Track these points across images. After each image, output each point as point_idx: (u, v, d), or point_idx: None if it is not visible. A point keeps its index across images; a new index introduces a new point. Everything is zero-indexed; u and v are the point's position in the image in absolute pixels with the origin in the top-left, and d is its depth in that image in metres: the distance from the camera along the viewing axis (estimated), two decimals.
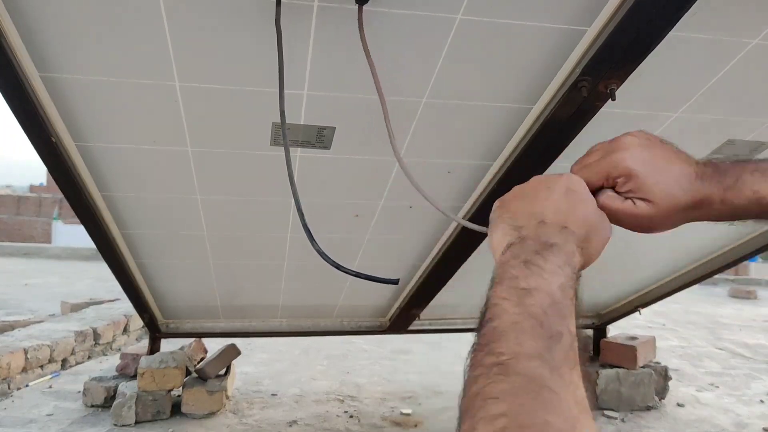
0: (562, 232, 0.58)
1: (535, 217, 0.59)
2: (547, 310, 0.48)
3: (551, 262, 0.53)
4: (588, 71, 1.31)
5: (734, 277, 11.26)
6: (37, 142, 1.52)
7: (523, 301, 0.49)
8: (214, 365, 3.39)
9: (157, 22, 1.19)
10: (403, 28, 1.23)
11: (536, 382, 0.41)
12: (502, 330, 0.47)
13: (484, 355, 0.45)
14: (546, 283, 0.51)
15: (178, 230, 2.19)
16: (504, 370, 0.42)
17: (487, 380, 0.42)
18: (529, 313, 0.47)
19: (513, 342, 0.45)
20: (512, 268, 0.53)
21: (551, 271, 0.52)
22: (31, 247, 12.37)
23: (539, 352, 0.44)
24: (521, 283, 0.51)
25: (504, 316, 0.48)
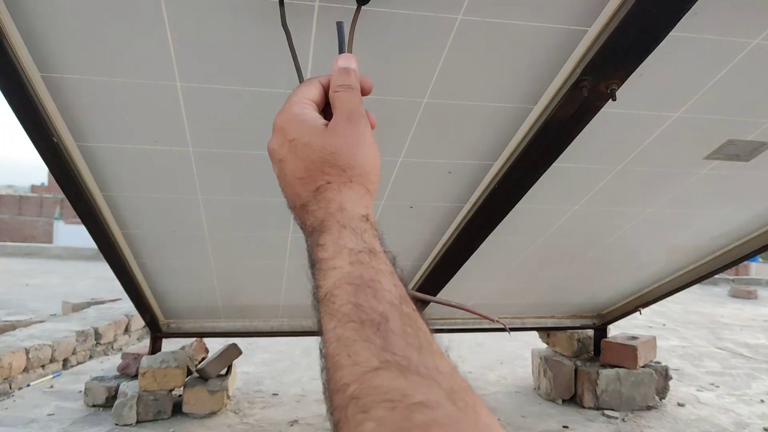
0: (318, 197, 0.52)
1: (296, 206, 0.55)
2: (357, 299, 0.43)
3: (328, 246, 0.48)
4: (589, 71, 1.32)
5: (734, 277, 11.26)
6: (38, 142, 1.52)
7: (332, 308, 0.44)
8: (215, 365, 3.39)
9: (158, 23, 1.19)
10: (403, 28, 1.23)
11: (401, 403, 0.35)
12: (332, 354, 0.41)
13: (332, 394, 0.39)
14: (338, 272, 0.46)
15: (180, 230, 2.20)
16: (360, 406, 0.36)
17: (350, 425, 0.35)
18: (343, 319, 0.42)
19: (348, 363, 0.39)
20: (313, 276, 0.49)
21: (334, 255, 0.47)
22: (32, 247, 12.38)
23: (379, 358, 0.38)
24: (322, 292, 0.46)
25: (327, 337, 0.43)
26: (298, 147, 0.55)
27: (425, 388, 0.36)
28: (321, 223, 0.50)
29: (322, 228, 0.50)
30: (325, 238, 0.49)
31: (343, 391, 0.38)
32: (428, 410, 0.34)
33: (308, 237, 0.52)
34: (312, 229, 0.51)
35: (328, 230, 0.49)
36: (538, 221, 2.33)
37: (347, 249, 0.47)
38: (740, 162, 1.96)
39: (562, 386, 3.70)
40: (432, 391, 0.36)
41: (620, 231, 2.52)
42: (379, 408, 0.35)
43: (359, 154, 0.55)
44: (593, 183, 2.04)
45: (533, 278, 3.05)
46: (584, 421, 3.40)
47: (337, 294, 0.44)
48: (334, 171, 0.53)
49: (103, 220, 1.99)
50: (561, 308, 3.64)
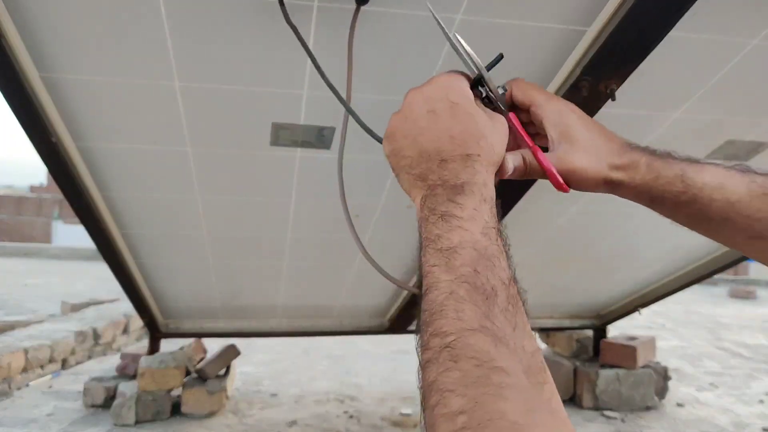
0: (467, 163, 0.55)
1: (431, 158, 0.56)
2: (477, 266, 0.48)
3: (467, 207, 0.52)
4: (588, 71, 1.31)
5: (734, 277, 11.26)
6: (37, 142, 1.52)
7: (451, 263, 0.48)
8: (214, 365, 3.39)
9: (157, 22, 1.19)
10: (403, 28, 1.23)
11: (485, 363, 0.41)
12: (440, 303, 0.46)
13: (429, 336, 0.45)
14: (468, 235, 0.50)
15: (178, 230, 2.19)
16: (452, 355, 0.42)
17: (439, 368, 0.42)
18: (460, 278, 0.47)
19: (453, 316, 0.45)
20: (433, 227, 0.52)
21: (470, 218, 0.51)
22: (31, 247, 12.37)
23: (480, 322, 0.44)
24: (445, 243, 0.50)
25: (439, 286, 0.48)
26: (460, 111, 0.58)
27: (508, 358, 0.42)
28: (463, 185, 0.54)
29: (464, 190, 0.53)
30: (464, 199, 0.53)
31: (441, 337, 0.44)
32: (505, 376, 0.41)
33: (436, 188, 0.54)
34: (449, 185, 0.54)
35: (470, 194, 0.53)
36: (538, 221, 2.33)
37: (483, 220, 0.52)
38: (740, 162, 1.96)
39: (561, 386, 3.70)
40: (513, 363, 0.42)
41: (620, 231, 2.52)
42: (467, 362, 0.41)
43: (504, 143, 0.60)
44: None
45: (533, 278, 3.05)
46: (583, 421, 3.40)
47: (461, 254, 0.49)
48: (486, 150, 0.57)
49: (102, 220, 1.99)
50: (560, 308, 3.64)
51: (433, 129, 0.58)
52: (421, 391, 0.44)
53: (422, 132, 0.58)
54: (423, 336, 0.46)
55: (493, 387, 0.40)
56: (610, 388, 3.58)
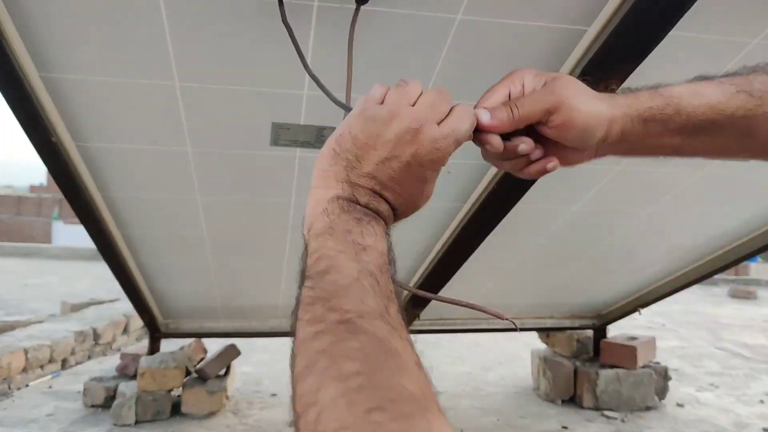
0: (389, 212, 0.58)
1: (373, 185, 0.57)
2: (381, 269, 0.50)
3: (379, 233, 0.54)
4: (588, 71, 1.31)
5: (734, 277, 11.26)
6: (37, 142, 1.52)
7: (360, 256, 0.49)
8: (214, 365, 3.39)
9: (157, 22, 1.19)
10: (402, 28, 1.23)
11: (384, 343, 0.41)
12: (343, 285, 0.46)
13: (326, 311, 0.44)
14: (379, 244, 0.52)
15: (178, 230, 2.19)
16: (352, 329, 0.42)
17: (334, 338, 0.41)
18: (367, 271, 0.48)
19: (356, 299, 0.45)
20: (344, 223, 0.53)
21: (380, 236, 0.54)
22: (31, 247, 12.37)
23: (380, 312, 0.45)
24: (356, 238, 0.51)
25: (344, 271, 0.48)
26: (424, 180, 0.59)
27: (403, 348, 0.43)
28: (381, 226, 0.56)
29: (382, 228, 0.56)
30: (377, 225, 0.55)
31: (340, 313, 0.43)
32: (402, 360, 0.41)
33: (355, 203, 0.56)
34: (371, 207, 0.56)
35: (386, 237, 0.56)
36: (538, 221, 2.33)
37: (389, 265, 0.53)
38: (739, 162, 1.96)
39: (561, 387, 3.70)
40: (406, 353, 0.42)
41: (620, 231, 2.52)
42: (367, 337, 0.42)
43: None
44: (593, 183, 2.04)
45: (533, 278, 3.05)
46: (583, 421, 3.40)
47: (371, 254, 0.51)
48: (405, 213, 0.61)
49: (102, 220, 1.99)
50: (560, 308, 3.64)
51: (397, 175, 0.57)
52: (295, 359, 0.43)
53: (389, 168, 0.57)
54: (314, 309, 0.45)
55: (391, 362, 0.40)
56: (611, 388, 3.58)
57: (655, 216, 2.36)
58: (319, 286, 0.47)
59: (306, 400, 0.38)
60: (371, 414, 0.35)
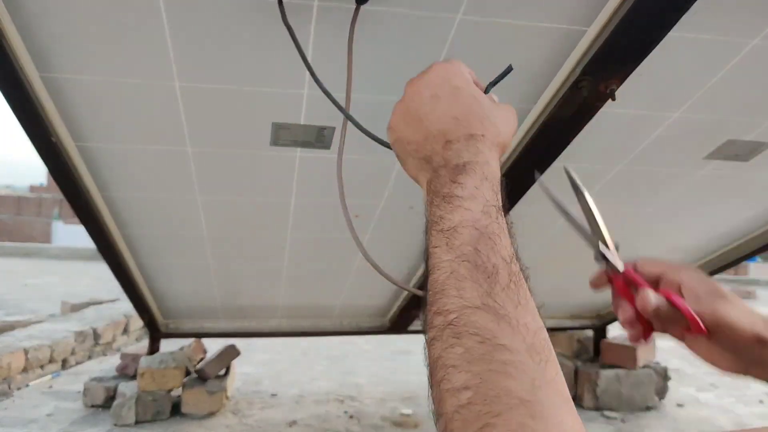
0: (470, 142, 0.56)
1: (436, 140, 0.57)
2: (477, 245, 0.48)
3: (467, 187, 0.52)
4: (588, 71, 1.31)
5: (734, 277, 11.26)
6: (37, 142, 1.52)
7: (452, 243, 0.49)
8: (213, 365, 3.39)
9: (157, 22, 1.19)
10: (402, 28, 1.23)
11: (488, 341, 0.42)
12: (442, 282, 0.47)
13: (433, 315, 0.46)
14: (469, 214, 0.50)
15: (178, 230, 2.19)
16: (455, 332, 0.43)
17: (443, 344, 0.43)
18: (461, 257, 0.47)
19: (455, 295, 0.45)
20: (437, 209, 0.53)
21: (470, 197, 0.52)
22: (31, 247, 12.37)
23: (482, 300, 0.44)
24: (446, 223, 0.50)
25: (441, 266, 0.48)
26: (463, 94, 0.59)
27: (511, 336, 0.43)
28: (465, 165, 0.54)
29: (465, 169, 0.54)
30: (465, 178, 0.53)
31: (444, 315, 0.44)
32: (509, 353, 0.41)
33: (440, 169, 0.55)
34: (451, 165, 0.54)
35: (471, 173, 0.53)
36: (538, 221, 2.33)
37: (483, 198, 0.52)
38: (740, 162, 1.96)
39: None
40: (515, 341, 0.42)
41: (620, 231, 2.51)
42: (470, 338, 0.42)
43: (509, 130, 0.62)
44: (593, 183, 2.04)
45: (532, 278, 3.04)
46: (584, 421, 3.36)
47: (462, 233, 0.49)
48: (491, 130, 0.58)
49: (102, 220, 1.99)
50: (561, 308, 3.64)
51: (437, 112, 0.58)
52: (428, 369, 0.44)
53: (426, 116, 0.59)
54: (427, 315, 0.47)
55: (496, 363, 0.40)
56: (611, 388, 3.58)
57: (655, 216, 2.36)
58: (428, 289, 0.48)
59: (437, 410, 0.41)
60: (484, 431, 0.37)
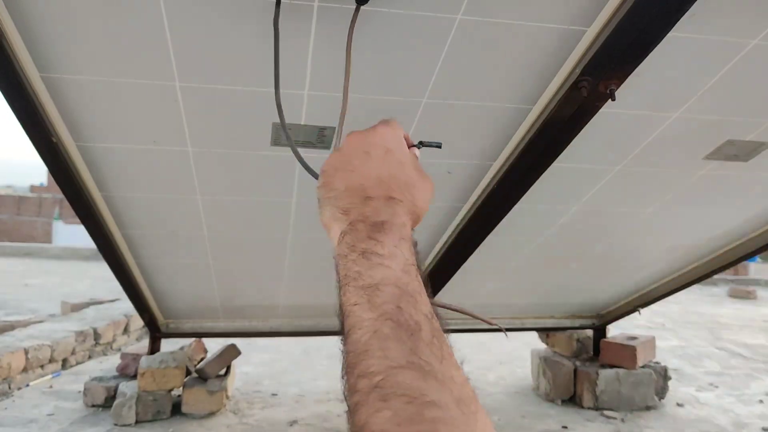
0: (389, 204, 0.57)
1: (358, 194, 0.58)
2: (399, 302, 0.48)
3: (387, 245, 0.53)
4: (588, 71, 1.31)
5: (734, 277, 11.25)
6: (37, 142, 1.52)
7: (374, 301, 0.48)
8: (214, 365, 3.39)
9: (157, 22, 1.19)
10: (403, 28, 1.23)
11: (416, 399, 0.40)
12: (364, 343, 0.46)
13: (357, 378, 0.44)
14: (390, 272, 0.50)
15: (179, 230, 2.19)
16: (382, 395, 0.41)
17: (369, 409, 0.41)
18: (384, 315, 0.47)
19: (379, 355, 0.44)
20: (353, 264, 0.52)
21: (390, 255, 0.52)
22: (31, 247, 12.36)
23: (407, 359, 0.43)
24: (366, 280, 0.50)
25: (363, 325, 0.47)
26: (391, 159, 0.62)
27: (439, 391, 0.42)
28: (383, 223, 0.55)
29: (384, 228, 0.55)
30: (383, 236, 0.54)
31: (369, 378, 0.43)
32: (438, 409, 0.40)
33: (357, 224, 0.56)
34: (369, 222, 0.55)
35: (389, 232, 0.54)
36: (538, 221, 2.33)
37: (403, 257, 0.52)
38: (739, 162, 1.96)
39: (561, 386, 3.70)
40: (444, 395, 0.41)
41: (620, 231, 2.52)
42: (397, 400, 0.40)
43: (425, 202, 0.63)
44: (593, 183, 2.04)
45: (532, 278, 3.05)
46: (583, 421, 3.40)
47: (384, 290, 0.49)
48: (407, 198, 0.60)
49: (102, 220, 1.99)
50: (560, 308, 3.64)
51: (364, 168, 0.60)
52: None
53: (354, 169, 0.61)
54: (350, 379, 0.45)
55: (427, 423, 0.39)
56: (610, 388, 3.58)
57: (655, 216, 2.37)
58: (348, 350, 0.47)
59: None
60: None
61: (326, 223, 0.61)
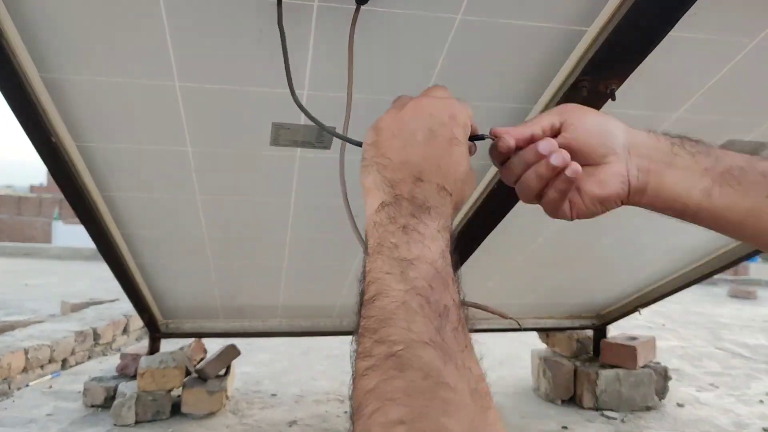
0: (440, 193, 0.55)
1: (411, 172, 0.55)
2: (432, 282, 0.47)
3: (430, 227, 0.51)
4: (588, 71, 1.31)
5: (734, 277, 11.25)
6: (37, 142, 1.52)
7: (407, 274, 0.47)
8: (214, 365, 3.39)
9: (157, 22, 1.19)
10: (403, 28, 1.23)
11: (432, 377, 0.40)
12: (390, 311, 0.45)
13: (374, 343, 0.43)
14: (428, 251, 0.49)
15: (178, 230, 2.19)
16: (398, 364, 0.41)
17: (382, 375, 0.40)
18: (415, 290, 0.46)
19: (403, 326, 0.43)
20: (390, 235, 0.51)
21: (431, 237, 0.51)
22: (31, 247, 12.36)
23: (431, 337, 0.43)
24: (402, 253, 0.49)
25: (391, 294, 0.46)
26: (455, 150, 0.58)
27: (456, 377, 0.41)
28: (430, 208, 0.53)
29: (431, 213, 0.53)
30: (429, 219, 0.52)
31: (388, 346, 0.42)
32: (452, 393, 0.40)
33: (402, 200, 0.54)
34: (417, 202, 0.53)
35: (437, 218, 0.53)
36: (538, 221, 2.33)
37: (443, 243, 0.51)
38: None
39: (561, 387, 3.70)
40: (461, 382, 0.41)
41: (620, 231, 2.52)
42: (414, 372, 0.40)
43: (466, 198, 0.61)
44: None
45: (532, 278, 3.05)
46: (583, 421, 3.40)
47: (419, 267, 0.48)
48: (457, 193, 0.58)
49: (102, 220, 1.99)
50: (560, 308, 3.64)
51: (425, 148, 0.57)
52: (353, 400, 0.42)
53: (414, 145, 0.57)
54: (364, 342, 0.44)
55: (438, 401, 0.39)
56: (610, 388, 3.58)
57: (655, 216, 2.36)
58: (369, 315, 0.46)
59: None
60: None
61: (367, 187, 0.57)
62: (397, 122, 0.59)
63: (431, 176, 0.55)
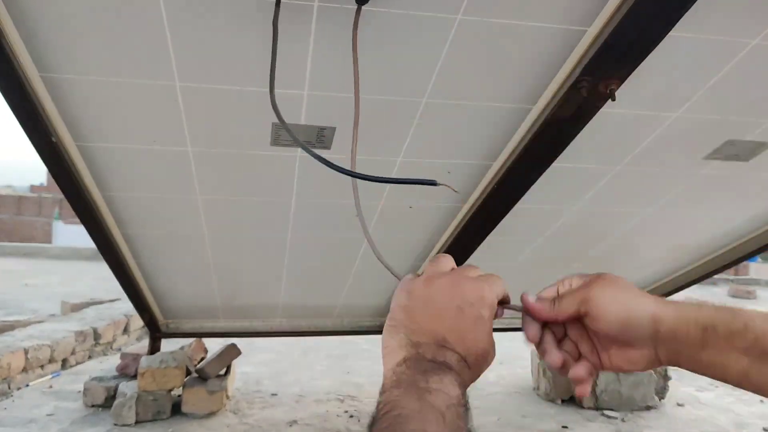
0: (460, 363, 0.59)
1: (435, 338, 0.60)
2: (449, 407, 0.50)
3: (447, 380, 0.55)
4: (588, 71, 1.31)
5: (734, 277, 11.26)
6: (37, 142, 1.52)
7: (424, 396, 0.50)
8: (214, 365, 3.39)
9: (157, 22, 1.19)
10: (403, 28, 1.23)
11: None
12: (406, 416, 0.47)
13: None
14: (446, 388, 0.53)
15: (179, 230, 2.19)
16: None
17: None
18: (431, 406, 0.49)
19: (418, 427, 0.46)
20: (409, 376, 0.54)
21: (449, 383, 0.54)
22: (31, 247, 12.37)
23: None
24: (421, 384, 0.52)
25: (408, 406, 0.49)
26: (481, 327, 0.62)
27: None
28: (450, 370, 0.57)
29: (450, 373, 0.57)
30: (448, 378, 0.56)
31: None
32: None
33: (423, 359, 0.58)
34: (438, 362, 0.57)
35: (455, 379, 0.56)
36: (538, 221, 2.33)
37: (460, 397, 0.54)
38: (740, 162, 1.96)
39: (561, 386, 3.70)
40: None
41: (620, 231, 2.52)
42: None
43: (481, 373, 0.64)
44: (593, 183, 2.04)
45: (533, 278, 3.05)
46: (583, 421, 3.40)
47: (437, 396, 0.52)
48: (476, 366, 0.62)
49: (102, 220, 1.99)
50: None
51: (452, 322, 0.61)
52: None
53: (443, 318, 0.61)
54: None
55: None
56: (611, 388, 3.58)
57: (654, 216, 2.36)
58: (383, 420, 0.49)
59: None
60: None
61: (390, 346, 0.62)
62: (430, 293, 0.63)
63: (456, 347, 0.60)
